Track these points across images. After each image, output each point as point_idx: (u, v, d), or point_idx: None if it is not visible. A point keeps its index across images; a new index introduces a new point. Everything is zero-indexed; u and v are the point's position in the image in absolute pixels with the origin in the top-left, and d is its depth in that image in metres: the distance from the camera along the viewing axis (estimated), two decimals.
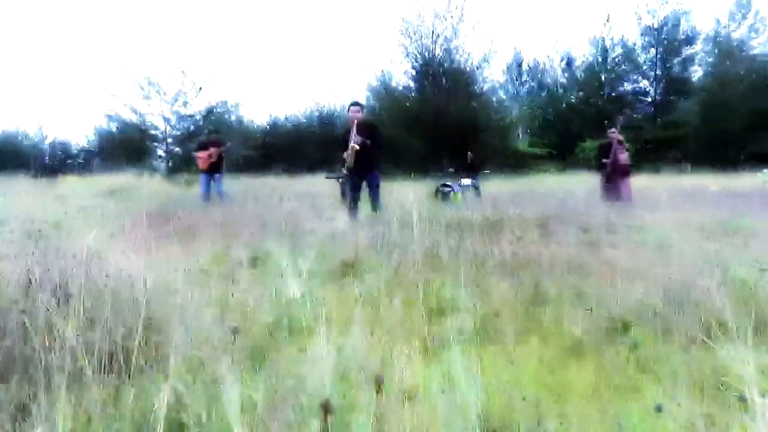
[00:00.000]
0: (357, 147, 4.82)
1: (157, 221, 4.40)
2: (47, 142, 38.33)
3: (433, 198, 7.78)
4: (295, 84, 57.67)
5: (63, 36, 59.83)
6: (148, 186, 11.43)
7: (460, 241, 3.05)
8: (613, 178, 6.52)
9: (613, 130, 6.79)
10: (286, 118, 30.37)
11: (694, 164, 15.87)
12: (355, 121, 4.99)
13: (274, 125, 30.11)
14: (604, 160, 6.64)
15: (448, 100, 19.59)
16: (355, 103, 5.24)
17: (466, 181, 8.98)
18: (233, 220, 4.19)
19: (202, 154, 7.12)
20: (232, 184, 11.98)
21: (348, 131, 5.09)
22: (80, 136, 40.97)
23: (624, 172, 6.52)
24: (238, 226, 3.86)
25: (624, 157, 6.53)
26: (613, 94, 25.18)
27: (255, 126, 30.16)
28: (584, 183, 10.34)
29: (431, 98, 20.17)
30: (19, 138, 35.10)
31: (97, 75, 55.60)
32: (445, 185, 8.52)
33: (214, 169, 7.13)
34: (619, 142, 6.58)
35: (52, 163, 33.74)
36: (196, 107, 18.33)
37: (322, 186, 9.43)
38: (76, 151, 34.88)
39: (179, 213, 4.87)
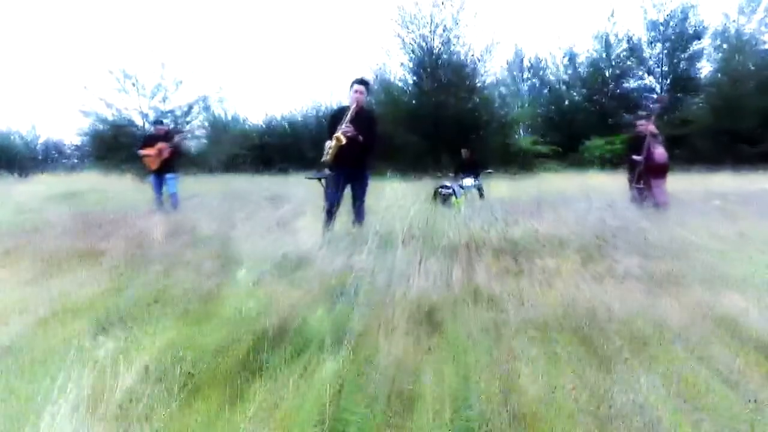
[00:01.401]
0: (343, 139, 3.53)
1: (70, 232, 3.31)
2: (40, 141, 37.89)
3: (431, 201, 6.63)
4: (291, 82, 56.32)
5: (63, 34, 58.31)
6: (112, 187, 10.26)
7: (469, 278, 1.95)
8: (647, 178, 5.41)
9: (642, 122, 5.69)
10: (283, 117, 29.56)
11: (707, 163, 14.82)
12: (356, 104, 3.70)
13: (270, 124, 29.23)
14: (634, 157, 5.52)
15: (448, 94, 18.38)
16: (361, 81, 3.82)
17: (468, 182, 7.84)
18: (157, 234, 3.08)
19: (150, 152, 5.72)
20: (207, 184, 10.80)
21: (341, 113, 3.77)
22: (75, 135, 40.57)
23: (660, 171, 5.38)
24: (154, 244, 2.76)
25: (660, 153, 5.39)
26: (617, 91, 24.25)
27: (251, 125, 29.30)
28: (595, 183, 9.25)
29: (429, 92, 18.95)
30: (12, 138, 35.11)
31: (96, 73, 54.07)
32: (444, 187, 7.36)
33: (165, 168, 5.75)
34: (653, 135, 5.47)
35: (43, 162, 33.39)
36: (176, 102, 16.93)
37: (311, 186, 8.26)
38: (69, 150, 34.96)
39: (102, 223, 3.77)
